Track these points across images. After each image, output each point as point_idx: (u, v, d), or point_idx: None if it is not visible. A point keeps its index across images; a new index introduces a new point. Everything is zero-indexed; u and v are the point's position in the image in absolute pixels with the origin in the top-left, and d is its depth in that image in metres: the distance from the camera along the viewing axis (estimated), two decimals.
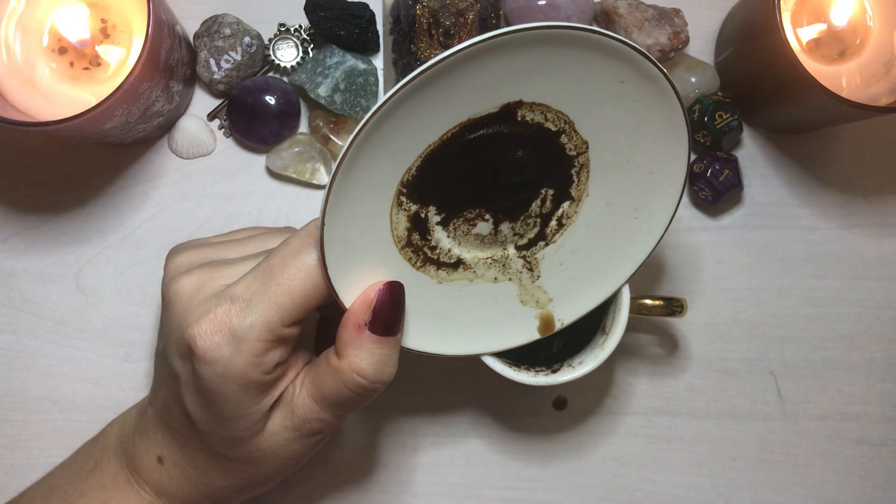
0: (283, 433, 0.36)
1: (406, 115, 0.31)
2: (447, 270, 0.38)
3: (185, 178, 0.49)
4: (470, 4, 0.47)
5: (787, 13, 0.45)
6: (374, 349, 0.33)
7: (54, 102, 0.43)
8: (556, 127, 0.36)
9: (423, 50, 0.47)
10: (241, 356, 0.32)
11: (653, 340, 0.50)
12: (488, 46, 0.30)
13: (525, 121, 0.35)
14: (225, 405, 0.33)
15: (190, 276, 0.35)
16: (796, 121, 0.49)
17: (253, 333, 0.32)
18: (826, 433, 0.49)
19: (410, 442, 0.48)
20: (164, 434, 0.38)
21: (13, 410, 0.48)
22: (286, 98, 0.47)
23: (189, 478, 0.38)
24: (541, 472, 0.49)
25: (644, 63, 0.33)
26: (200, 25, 0.47)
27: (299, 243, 0.33)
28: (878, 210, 0.50)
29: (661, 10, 0.48)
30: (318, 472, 0.48)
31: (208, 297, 0.34)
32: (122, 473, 0.39)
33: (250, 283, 0.33)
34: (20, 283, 0.48)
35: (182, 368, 0.34)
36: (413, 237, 0.36)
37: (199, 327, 0.32)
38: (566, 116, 0.35)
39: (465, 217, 0.37)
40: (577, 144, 0.37)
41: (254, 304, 0.32)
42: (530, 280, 0.40)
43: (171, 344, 0.34)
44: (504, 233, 0.39)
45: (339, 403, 0.35)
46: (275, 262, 0.33)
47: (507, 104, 0.34)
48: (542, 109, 0.35)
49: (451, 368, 0.49)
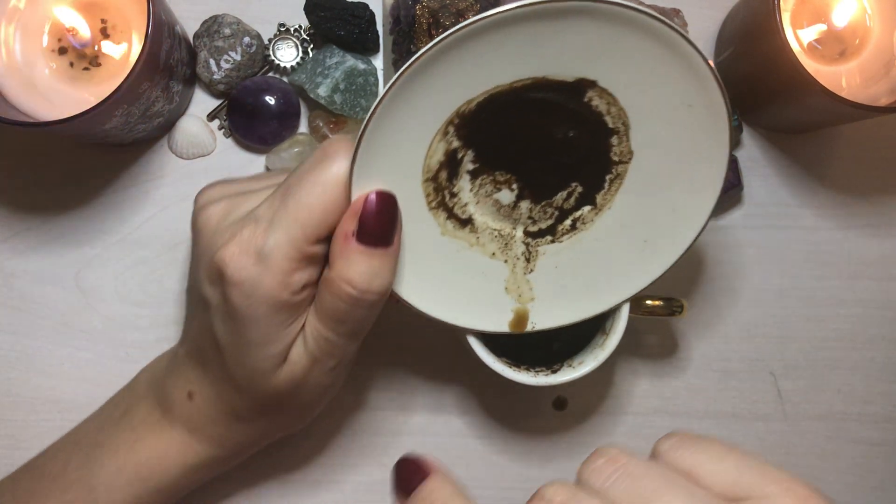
0: (300, 361, 0.35)
1: (492, 44, 0.31)
2: (455, 224, 0.38)
3: (185, 178, 0.49)
4: (470, 4, 0.47)
5: (787, 13, 0.45)
6: (361, 259, 0.33)
7: (54, 102, 0.43)
8: (612, 124, 0.35)
9: None
10: (269, 275, 0.32)
11: (653, 340, 0.50)
12: (584, 7, 0.30)
13: (590, 105, 0.35)
14: (253, 329, 0.33)
15: (217, 204, 0.35)
16: (796, 121, 0.49)
17: (279, 252, 0.32)
18: (826, 433, 0.49)
19: (410, 442, 0.48)
20: (194, 369, 0.38)
21: (13, 410, 0.48)
22: (286, 98, 0.47)
23: (219, 412, 0.38)
24: (541, 472, 0.49)
25: (718, 101, 0.33)
26: (200, 25, 0.47)
27: (316, 159, 0.33)
28: (878, 210, 0.50)
29: (661, 10, 0.48)
30: (318, 472, 0.48)
31: (234, 221, 0.34)
32: (152, 415, 0.40)
33: (271, 203, 0.33)
34: (20, 283, 0.48)
35: (212, 294, 0.34)
36: (441, 174, 0.36)
37: (227, 250, 0.33)
38: (626, 118, 0.35)
39: (495, 178, 0.37)
40: (623, 152, 0.36)
41: (276, 222, 0.32)
42: (523, 270, 0.40)
43: (202, 271, 0.35)
44: (521, 211, 0.38)
45: (337, 318, 0.34)
46: (292, 180, 0.33)
47: (582, 79, 0.34)
48: (609, 101, 0.35)
49: (451, 369, 0.49)
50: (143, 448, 0.39)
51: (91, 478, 0.39)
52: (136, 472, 0.39)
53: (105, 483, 0.39)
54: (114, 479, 0.39)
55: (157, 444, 0.39)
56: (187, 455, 0.39)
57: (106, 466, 0.39)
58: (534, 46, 0.32)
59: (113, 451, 0.39)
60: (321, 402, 0.39)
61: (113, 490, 0.39)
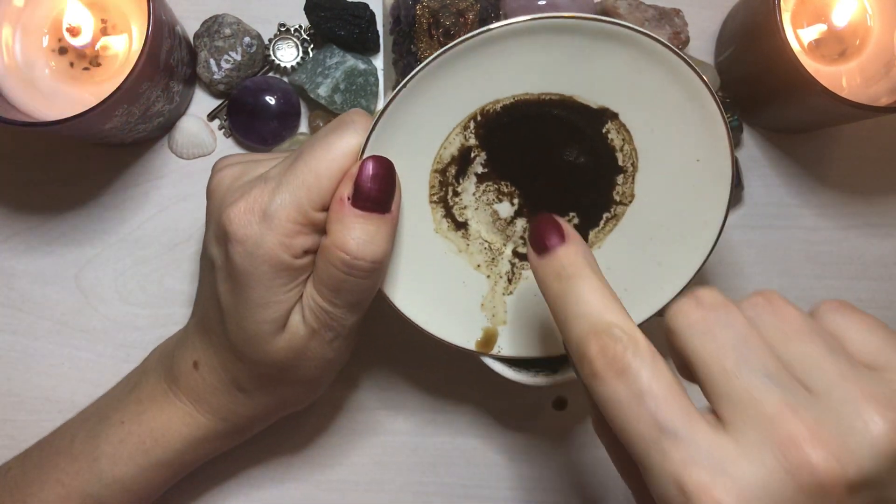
0: (299, 329, 0.35)
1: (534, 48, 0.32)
2: (449, 224, 0.38)
3: (185, 178, 0.49)
4: (470, 4, 0.47)
5: (788, 13, 0.45)
6: (356, 223, 0.33)
7: (54, 102, 0.43)
8: (622, 162, 0.36)
9: (424, 50, 0.47)
10: (271, 234, 0.32)
11: (652, 340, 0.50)
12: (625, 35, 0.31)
13: (606, 136, 0.35)
14: (254, 288, 0.34)
15: (232, 167, 0.36)
16: (796, 121, 0.49)
17: (283, 213, 0.32)
18: None
19: (410, 442, 0.48)
20: (201, 338, 0.39)
21: (13, 410, 0.48)
22: (286, 98, 0.47)
23: (222, 381, 0.38)
24: (541, 472, 0.49)
25: (726, 165, 0.34)
26: (200, 25, 0.47)
27: (332, 127, 0.34)
28: (878, 210, 0.50)
29: (662, 10, 0.48)
30: (318, 472, 0.48)
31: (245, 182, 0.34)
32: (159, 386, 0.40)
33: (282, 165, 0.34)
34: (20, 283, 0.48)
35: (218, 254, 0.35)
36: (450, 169, 0.36)
37: (234, 208, 0.33)
38: (636, 159, 0.36)
39: (500, 188, 0.37)
40: (626, 193, 0.37)
41: (283, 183, 0.33)
42: (503, 290, 0.39)
43: (211, 232, 0.35)
44: (516, 228, 0.38)
45: (332, 286, 0.34)
46: (305, 147, 0.34)
47: (606, 108, 0.34)
48: (625, 137, 0.35)
49: (451, 368, 0.49)
50: (147, 419, 0.39)
51: (95, 450, 0.39)
52: (140, 443, 0.39)
53: (108, 454, 0.39)
54: (117, 450, 0.39)
55: (161, 415, 0.39)
56: (190, 427, 0.40)
57: (110, 438, 0.39)
58: (571, 62, 0.33)
59: (118, 422, 0.39)
60: (323, 379, 0.39)
61: (117, 462, 0.39)
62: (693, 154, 0.35)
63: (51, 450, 0.40)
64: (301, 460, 0.48)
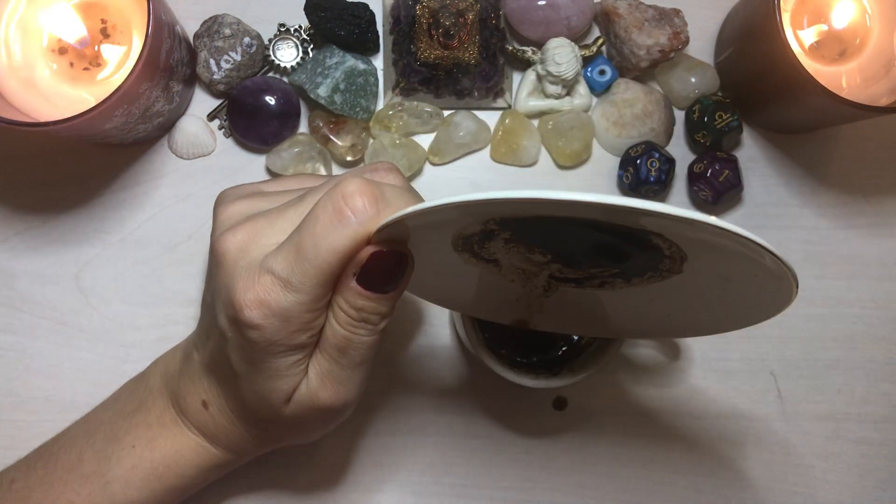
0: (308, 394, 0.36)
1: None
2: (478, 260, 0.35)
3: (185, 178, 0.49)
4: (470, 4, 0.47)
5: (787, 13, 0.45)
6: (359, 296, 0.33)
7: (54, 102, 0.43)
8: (668, 253, 0.31)
9: (423, 50, 0.47)
10: (290, 326, 0.33)
11: (653, 341, 0.50)
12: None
13: (650, 238, 0.30)
14: (269, 364, 0.34)
15: (235, 234, 0.35)
16: (796, 121, 0.49)
17: (298, 308, 0.32)
18: (826, 433, 0.49)
19: (410, 442, 0.48)
20: (209, 380, 0.39)
21: (13, 410, 0.48)
22: (286, 98, 0.47)
23: (233, 424, 0.39)
24: (541, 472, 0.49)
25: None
26: (200, 25, 0.47)
27: (330, 217, 0.32)
28: (878, 210, 0.50)
29: (661, 10, 0.48)
30: (318, 472, 0.48)
31: (252, 263, 0.33)
32: (168, 413, 0.40)
33: (286, 257, 0.32)
34: (20, 283, 0.48)
35: (229, 329, 0.34)
36: (472, 238, 0.33)
37: (245, 297, 0.32)
38: (684, 252, 0.31)
39: (530, 248, 0.34)
40: (674, 269, 0.32)
41: (293, 283, 0.32)
42: (539, 294, 0.38)
43: (220, 303, 0.35)
44: (552, 267, 0.35)
45: (337, 347, 0.34)
46: (307, 238, 0.32)
47: (647, 230, 0.29)
48: (671, 244, 0.30)
49: (450, 369, 0.49)
50: (158, 446, 0.40)
51: (107, 472, 0.39)
52: (152, 469, 0.40)
53: (121, 478, 0.39)
54: (130, 475, 0.39)
55: (173, 444, 0.40)
56: (203, 457, 0.40)
57: (122, 462, 0.39)
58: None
59: (129, 447, 0.40)
60: (336, 422, 0.39)
61: (129, 486, 0.39)
62: (737, 273, 0.31)
63: (57, 465, 0.40)
64: (301, 460, 0.48)
